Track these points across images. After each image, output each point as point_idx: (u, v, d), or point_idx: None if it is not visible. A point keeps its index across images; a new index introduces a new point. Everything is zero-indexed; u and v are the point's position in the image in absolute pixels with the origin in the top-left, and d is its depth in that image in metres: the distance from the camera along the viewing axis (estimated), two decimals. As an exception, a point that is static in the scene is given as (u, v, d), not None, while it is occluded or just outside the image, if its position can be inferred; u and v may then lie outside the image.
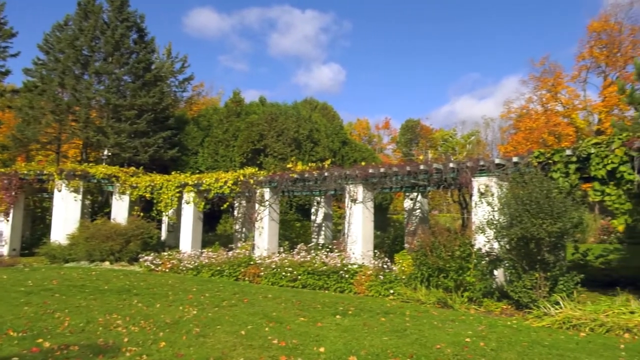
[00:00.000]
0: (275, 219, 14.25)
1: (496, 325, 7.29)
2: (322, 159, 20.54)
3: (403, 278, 9.97)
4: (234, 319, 7.27)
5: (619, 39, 33.58)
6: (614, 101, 30.04)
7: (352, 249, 11.97)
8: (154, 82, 23.89)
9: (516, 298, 8.32)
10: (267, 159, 21.68)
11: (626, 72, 30.90)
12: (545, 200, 7.96)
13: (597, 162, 8.59)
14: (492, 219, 8.76)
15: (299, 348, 5.73)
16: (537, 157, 9.42)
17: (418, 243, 10.03)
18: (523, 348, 5.94)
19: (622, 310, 7.39)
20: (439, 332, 6.72)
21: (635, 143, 8.18)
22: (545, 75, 36.37)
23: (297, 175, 13.54)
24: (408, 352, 5.64)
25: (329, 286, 10.93)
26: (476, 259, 9.00)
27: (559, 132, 33.08)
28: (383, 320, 7.48)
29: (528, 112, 36.94)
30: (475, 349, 5.84)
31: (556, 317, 7.37)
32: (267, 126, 22.10)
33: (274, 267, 11.90)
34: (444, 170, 10.95)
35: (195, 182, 15.57)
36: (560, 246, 8.41)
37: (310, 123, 23.76)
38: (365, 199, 12.19)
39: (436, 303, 8.94)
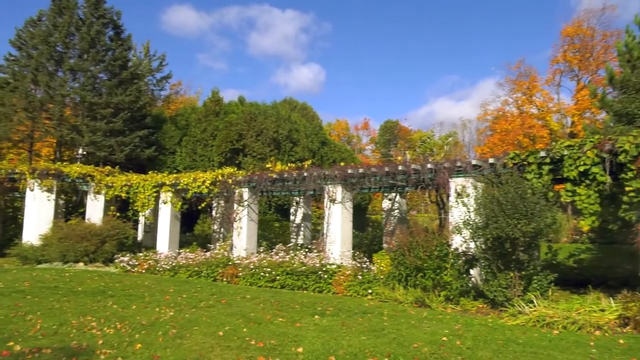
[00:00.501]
0: (254, 219, 14.18)
1: (472, 324, 7.40)
2: (301, 159, 20.51)
3: (381, 278, 10.04)
4: (211, 320, 7.21)
5: (591, 44, 34.45)
6: (587, 104, 30.79)
7: (330, 249, 11.99)
8: (130, 80, 23.51)
9: (492, 297, 8.45)
10: (246, 158, 21.56)
11: (598, 76, 31.70)
12: (520, 201, 8.11)
13: (570, 164, 8.80)
14: (469, 219, 8.89)
15: (277, 348, 5.71)
16: (513, 158, 9.59)
17: (396, 243, 10.11)
18: (498, 346, 6.05)
19: (593, 308, 7.59)
20: (417, 331, 6.79)
21: (606, 145, 8.40)
22: (521, 79, 37.08)
23: (276, 175, 13.50)
24: (386, 351, 5.68)
25: (308, 286, 10.94)
26: (453, 259, 9.11)
27: (533, 134, 33.76)
28: (361, 320, 7.52)
29: (504, 114, 37.61)
30: (452, 348, 5.92)
31: (530, 315, 7.52)
32: (246, 126, 21.98)
33: (253, 268, 11.84)
34: (421, 171, 11.07)
35: (172, 181, 15.38)
36: (534, 246, 8.59)
37: (290, 123, 23.72)
38: (344, 199, 12.23)
39: (414, 302, 9.03)
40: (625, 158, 8.06)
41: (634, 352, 5.79)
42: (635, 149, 7.95)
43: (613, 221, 15.18)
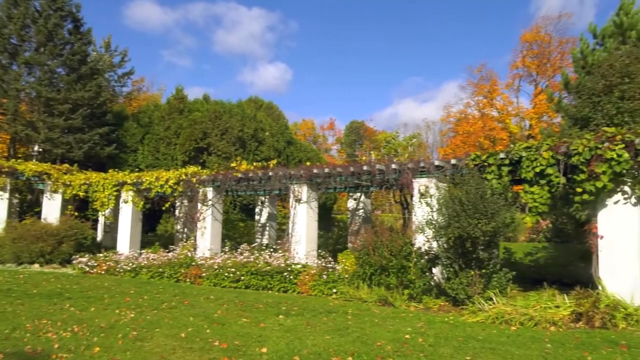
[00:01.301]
0: (218, 219, 14.01)
1: (434, 322, 7.55)
2: (267, 158, 20.40)
3: (346, 277, 10.11)
4: (173, 322, 7.09)
5: (548, 50, 35.76)
6: (544, 108, 31.96)
7: (296, 248, 11.99)
8: (90, 76, 22.77)
9: (453, 295, 8.65)
10: (210, 157, 21.27)
11: (554, 81, 32.92)
12: (481, 201, 8.33)
13: (527, 165, 9.10)
14: (432, 219, 9.06)
15: (240, 349, 5.67)
16: (474, 159, 9.84)
17: (361, 242, 10.20)
18: (459, 343, 6.19)
19: (548, 305, 7.87)
20: (380, 330, 6.87)
21: (561, 148, 8.73)
22: (482, 82, 38.13)
23: (241, 175, 13.39)
24: (350, 350, 5.72)
25: (273, 286, 10.90)
26: (416, 258, 9.27)
27: (494, 136, 34.75)
28: (326, 320, 7.55)
29: (466, 116, 38.56)
30: (414, 345, 6.02)
31: (489, 312, 7.74)
32: (211, 124, 21.68)
33: (217, 268, 11.71)
34: (386, 171, 11.20)
35: (134, 180, 15.01)
36: (493, 245, 8.85)
37: (255, 122, 23.55)
38: (309, 199, 12.25)
39: (378, 301, 9.14)
40: (578, 160, 8.40)
41: (586, 346, 6.04)
42: (588, 152, 8.30)
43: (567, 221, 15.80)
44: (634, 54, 12.07)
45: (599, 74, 12.01)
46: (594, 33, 16.15)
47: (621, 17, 15.28)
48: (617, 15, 15.60)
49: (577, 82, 14.68)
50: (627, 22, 15.07)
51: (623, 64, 11.57)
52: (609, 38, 15.39)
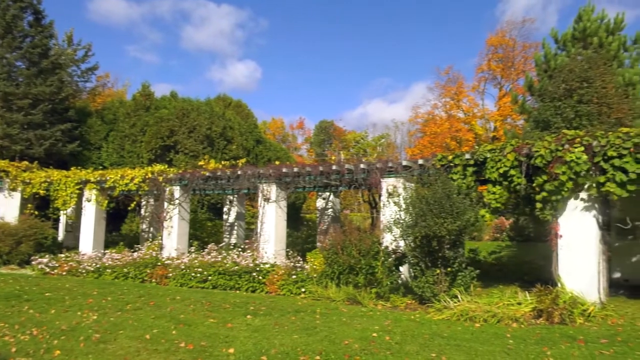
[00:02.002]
0: (185, 218, 13.80)
1: (401, 320, 7.65)
2: (235, 157, 20.21)
3: (315, 276, 10.12)
4: (138, 323, 6.94)
5: (512, 54, 36.75)
6: (508, 111, 32.85)
7: (264, 248, 11.93)
8: (52, 70, 22.01)
9: (419, 293, 8.78)
10: (177, 156, 20.91)
11: (518, 84, 33.87)
12: (447, 201, 8.50)
13: (492, 166, 9.33)
14: (399, 218, 9.18)
15: (207, 350, 5.60)
16: (440, 160, 10.02)
17: (330, 242, 10.23)
18: (425, 340, 6.30)
19: (511, 302, 8.10)
20: (348, 328, 6.92)
21: (523, 149, 8.99)
22: (449, 84, 38.88)
23: (209, 174, 13.22)
24: (317, 349, 5.74)
25: (241, 286, 10.82)
26: (384, 257, 9.37)
27: (460, 137, 35.50)
28: (294, 319, 7.55)
29: (433, 117, 39.23)
30: (382, 343, 6.09)
31: (455, 310, 7.90)
32: (178, 122, 21.32)
33: (183, 268, 11.53)
34: (355, 171, 11.28)
35: (98, 178, 14.60)
36: (459, 243, 9.03)
37: (224, 120, 23.30)
38: (278, 198, 12.20)
39: (346, 300, 9.19)
40: (540, 162, 8.67)
41: (545, 341, 6.24)
42: (549, 154, 8.57)
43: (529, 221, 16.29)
44: (593, 59, 12.55)
45: (559, 79, 12.43)
46: (555, 38, 16.71)
47: (584, 23, 15.86)
48: (577, 22, 16.19)
49: (540, 86, 15.17)
50: (588, 28, 15.66)
51: (582, 69, 12.03)
52: (570, 43, 15.95)
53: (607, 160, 8.23)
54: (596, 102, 11.52)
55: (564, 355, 5.59)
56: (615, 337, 6.46)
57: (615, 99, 11.69)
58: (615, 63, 15.03)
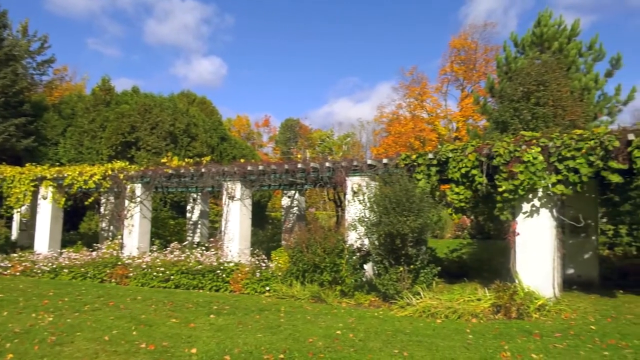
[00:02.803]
0: (147, 217, 13.49)
1: (365, 317, 7.73)
2: (199, 154, 19.90)
3: (279, 275, 10.10)
4: (97, 324, 6.75)
5: (474, 57, 37.71)
6: (470, 112, 33.70)
7: (228, 247, 11.80)
8: (5, 62, 21.07)
9: (383, 290, 8.90)
10: (139, 152, 20.40)
11: (480, 86, 34.81)
12: (409, 199, 8.64)
13: (454, 166, 9.54)
14: (363, 217, 9.27)
15: (169, 350, 5.51)
16: (404, 159, 10.17)
17: (295, 240, 10.23)
18: (388, 337, 6.39)
19: (471, 298, 8.31)
20: (312, 326, 6.94)
21: (484, 150, 9.24)
22: (414, 85, 39.56)
23: (172, 171, 12.97)
24: (282, 347, 5.73)
25: (204, 285, 10.67)
26: (348, 255, 9.44)
27: (423, 137, 36.16)
28: (258, 318, 7.51)
29: (398, 117, 39.81)
30: (345, 340, 6.14)
31: (417, 306, 8.05)
32: (140, 118, 20.79)
33: (145, 268, 11.29)
34: (320, 169, 11.31)
35: (55, 175, 14.08)
36: (421, 241, 9.20)
37: (188, 117, 22.89)
38: (243, 197, 12.10)
39: (311, 298, 9.21)
40: (499, 162, 8.93)
41: (503, 336, 6.44)
42: (508, 154, 8.84)
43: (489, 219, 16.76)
44: (548, 64, 13.03)
45: (517, 82, 12.85)
46: (515, 42, 17.23)
47: (541, 27, 16.42)
48: (536, 27, 16.75)
49: (500, 88, 15.61)
50: (546, 33, 16.22)
51: (538, 73, 12.47)
52: (529, 47, 16.49)
53: (561, 161, 8.56)
54: (552, 104, 11.97)
55: (520, 349, 5.78)
56: (568, 330, 6.74)
57: (569, 102, 12.18)
58: (573, 68, 15.65)
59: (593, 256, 11.23)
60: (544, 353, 5.59)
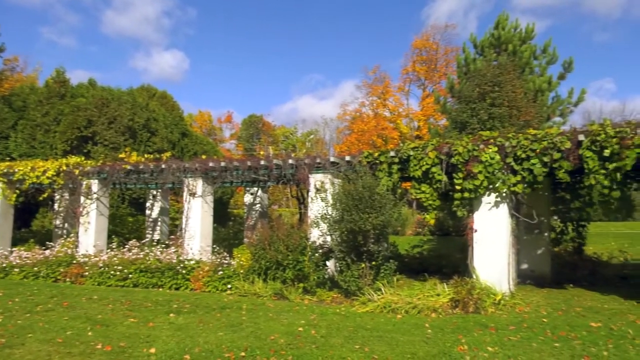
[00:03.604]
0: (104, 214, 13.09)
1: (327, 313, 7.78)
2: (160, 150, 19.44)
3: (241, 272, 10.02)
4: (50, 325, 6.51)
5: (436, 57, 38.46)
6: (431, 111, 34.38)
7: (189, 244, 11.61)
8: (-50, 50, 19.97)
9: (345, 287, 8.97)
10: (96, 147, 19.74)
11: (441, 86, 35.54)
12: (371, 196, 8.74)
13: (415, 164, 9.72)
14: (326, 214, 9.32)
15: (126, 351, 5.37)
16: (366, 157, 10.27)
17: (257, 237, 10.17)
18: (349, 332, 6.45)
19: (430, 293, 8.49)
20: (274, 324, 6.92)
21: (444, 148, 9.45)
22: (376, 83, 39.96)
23: (130, 167, 12.63)
24: (243, 345, 5.70)
25: (164, 284, 10.47)
26: (311, 252, 9.47)
27: (386, 135, 36.63)
28: (219, 316, 7.43)
29: (361, 115, 40.16)
30: (307, 337, 6.16)
31: (378, 302, 8.16)
32: (97, 112, 20.10)
33: (102, 266, 10.96)
34: (283, 166, 11.27)
35: (4, 170, 13.45)
36: (383, 238, 9.33)
37: (148, 112, 22.30)
38: (204, 193, 11.92)
39: (273, 295, 9.19)
40: (458, 160, 9.16)
41: (461, 330, 6.62)
42: (467, 153, 9.08)
43: (449, 216, 17.18)
44: (504, 65, 13.46)
45: (474, 82, 13.22)
46: (474, 43, 17.71)
47: (499, 30, 16.92)
48: (494, 29, 17.25)
49: (460, 88, 16.01)
50: (503, 36, 16.73)
51: (494, 74, 12.86)
52: (487, 49, 16.97)
53: (517, 161, 8.86)
54: (507, 105, 12.38)
55: (477, 342, 5.96)
56: (522, 323, 6.99)
57: (523, 103, 12.63)
58: (527, 70, 16.22)
59: (545, 252, 11.69)
60: (499, 346, 5.78)
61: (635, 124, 7.93)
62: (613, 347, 5.70)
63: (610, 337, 6.12)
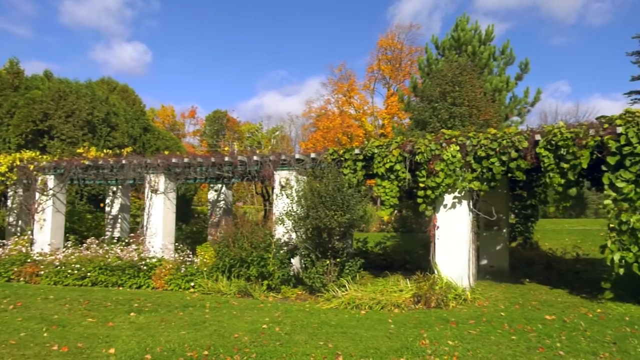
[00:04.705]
0: (60, 210, 12.65)
1: (291, 310, 7.78)
2: (120, 145, 18.92)
3: (205, 270, 9.90)
4: (2, 327, 6.25)
5: (400, 56, 38.98)
6: (395, 110, 34.83)
7: (151, 242, 11.37)
8: None
9: (310, 284, 9.01)
10: (52, 142, 19.03)
11: (404, 85, 36.08)
12: (338, 194, 8.80)
13: (379, 161, 9.84)
14: (291, 211, 9.31)
15: (84, 352, 5.22)
16: (332, 154, 10.33)
17: (221, 235, 10.06)
18: (313, 329, 6.48)
19: (393, 289, 8.63)
20: (238, 321, 6.88)
21: (407, 146, 9.61)
22: (342, 81, 40.19)
23: (89, 162, 12.24)
24: (206, 343, 5.63)
25: (124, 282, 10.22)
26: (276, 249, 9.45)
27: (351, 132, 36.89)
28: (182, 315, 7.32)
29: (326, 112, 40.30)
30: (271, 334, 6.15)
31: (343, 298, 8.23)
32: (54, 105, 19.37)
33: (58, 265, 10.61)
34: (248, 163, 11.19)
35: (-48, 165, 12.78)
36: (348, 235, 9.41)
37: (108, 105, 21.64)
38: (167, 190, 11.69)
39: (237, 293, 9.12)
40: (421, 158, 9.33)
41: (423, 324, 6.76)
42: (429, 151, 9.27)
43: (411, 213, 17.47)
44: (463, 66, 13.80)
45: (435, 82, 13.49)
46: (436, 44, 18.05)
47: (459, 32, 17.30)
48: (454, 31, 17.63)
49: (422, 88, 16.29)
50: (463, 37, 17.12)
51: (454, 75, 13.17)
52: (449, 50, 17.34)
53: (477, 159, 9.10)
54: (467, 104, 12.70)
55: (438, 336, 6.10)
56: (481, 317, 7.20)
57: (483, 103, 12.99)
58: (486, 71, 16.66)
59: (504, 247, 12.07)
60: (459, 339, 5.93)
61: (587, 126, 8.29)
62: (566, 338, 5.96)
63: (564, 329, 6.39)
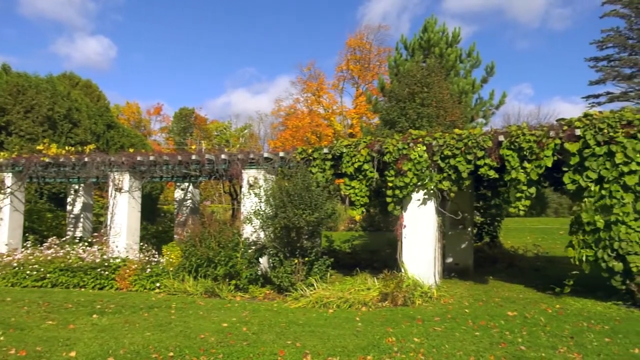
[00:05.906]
0: (19, 209, 12.19)
1: (259, 310, 7.74)
2: (83, 142, 18.37)
3: (171, 270, 9.73)
4: (-45, 331, 5.97)
5: (369, 57, 39.30)
6: (364, 109, 35.08)
7: (115, 242, 11.08)
8: None
9: (278, 283, 8.98)
10: (10, 138, 18.29)
11: (373, 85, 36.38)
12: (306, 193, 8.80)
13: (347, 161, 9.89)
14: (259, 210, 9.26)
15: (44, 355, 5.05)
16: (300, 153, 10.32)
17: (188, 234, 9.91)
18: (281, 328, 6.46)
19: (361, 287, 8.69)
20: (205, 322, 6.79)
21: (375, 146, 9.70)
22: (311, 80, 40.22)
23: (49, 160, 11.84)
24: (171, 345, 5.54)
25: (87, 283, 9.94)
26: (244, 248, 9.37)
27: (320, 132, 36.96)
28: (146, 316, 7.18)
29: (295, 111, 40.24)
30: (239, 334, 6.10)
31: (310, 297, 8.24)
32: (12, 100, 18.63)
33: (16, 266, 10.23)
34: (215, 161, 11.06)
35: None
36: (316, 234, 9.42)
37: (70, 101, 20.97)
38: (132, 188, 11.43)
39: (204, 293, 9.00)
40: (389, 158, 9.44)
41: (389, 322, 6.84)
42: (397, 151, 9.38)
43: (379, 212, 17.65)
44: (431, 67, 14.03)
45: (404, 83, 13.67)
46: (405, 45, 18.28)
47: (428, 33, 17.58)
48: (423, 32, 17.91)
49: (391, 88, 16.47)
50: (432, 39, 17.40)
51: (423, 76, 13.37)
52: (417, 51, 17.59)
53: (443, 159, 9.27)
54: (435, 105, 12.91)
55: (404, 333, 6.19)
56: (447, 314, 7.34)
57: (449, 104, 13.24)
58: (453, 73, 16.99)
59: (469, 246, 12.34)
60: (425, 336, 6.03)
61: (548, 128, 8.57)
62: (527, 334, 6.14)
63: (525, 325, 6.59)
